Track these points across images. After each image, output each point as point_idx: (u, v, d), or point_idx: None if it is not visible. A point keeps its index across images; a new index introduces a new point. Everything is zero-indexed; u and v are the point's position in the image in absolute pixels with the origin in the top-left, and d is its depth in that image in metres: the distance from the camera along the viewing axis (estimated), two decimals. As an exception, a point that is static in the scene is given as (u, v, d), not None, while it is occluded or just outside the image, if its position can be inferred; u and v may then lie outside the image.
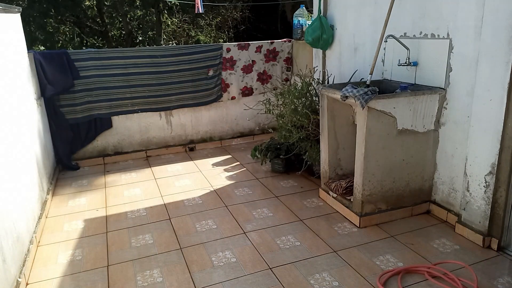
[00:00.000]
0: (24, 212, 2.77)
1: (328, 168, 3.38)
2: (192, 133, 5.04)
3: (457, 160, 2.86)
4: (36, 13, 10.82)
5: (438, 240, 2.77)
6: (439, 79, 2.89)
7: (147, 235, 2.99)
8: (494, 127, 2.48)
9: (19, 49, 3.53)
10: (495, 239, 2.62)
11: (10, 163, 2.64)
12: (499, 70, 2.39)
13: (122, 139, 4.70)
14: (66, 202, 3.63)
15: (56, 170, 4.25)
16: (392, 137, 2.86)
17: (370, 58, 3.51)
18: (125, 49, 5.41)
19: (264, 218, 3.19)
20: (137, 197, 3.69)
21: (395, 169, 2.95)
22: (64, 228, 3.16)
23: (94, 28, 13.14)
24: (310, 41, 4.13)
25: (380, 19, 3.25)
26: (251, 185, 3.88)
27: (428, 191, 3.13)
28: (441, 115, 2.93)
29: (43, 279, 2.52)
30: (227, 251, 2.74)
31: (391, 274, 2.41)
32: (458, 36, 2.70)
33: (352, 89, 2.80)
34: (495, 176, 2.53)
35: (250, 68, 5.08)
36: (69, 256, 2.75)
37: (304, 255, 2.67)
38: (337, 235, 2.90)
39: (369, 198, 2.94)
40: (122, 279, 2.49)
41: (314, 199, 3.50)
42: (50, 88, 4.09)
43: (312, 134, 3.70)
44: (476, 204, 2.68)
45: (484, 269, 2.44)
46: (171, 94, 4.73)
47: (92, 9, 12.77)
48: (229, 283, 2.40)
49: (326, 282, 2.38)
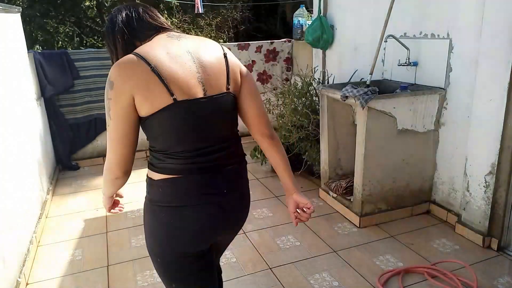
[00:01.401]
0: (24, 212, 2.77)
1: (328, 168, 3.38)
2: (192, 133, 5.04)
3: (457, 160, 2.86)
4: (36, 13, 10.82)
5: (438, 240, 2.77)
6: (439, 79, 2.89)
7: (147, 235, 2.99)
8: (494, 127, 2.47)
9: (19, 49, 3.53)
10: (495, 239, 2.62)
11: (10, 163, 2.63)
12: (499, 70, 2.39)
13: (122, 139, 4.69)
14: (66, 202, 3.63)
15: (56, 170, 4.25)
16: (392, 137, 2.86)
17: (370, 58, 3.50)
18: (125, 49, 5.38)
19: (264, 218, 3.19)
20: (137, 197, 3.68)
21: (395, 169, 2.95)
22: (64, 228, 3.15)
23: (94, 28, 13.14)
24: (310, 41, 4.13)
25: (380, 19, 3.25)
26: (251, 185, 3.84)
27: (428, 191, 3.13)
28: (441, 115, 2.93)
29: (43, 279, 2.52)
30: (227, 251, 2.74)
31: (391, 274, 2.40)
32: (458, 36, 2.70)
33: (352, 89, 2.80)
34: (495, 176, 2.53)
35: (250, 68, 5.08)
36: (69, 256, 2.75)
37: (304, 255, 2.66)
38: (337, 235, 2.90)
39: (369, 198, 2.94)
40: (122, 279, 2.49)
41: (314, 199, 3.50)
42: (50, 88, 4.08)
43: (312, 134, 3.70)
44: (476, 204, 2.68)
45: (484, 269, 2.44)
46: (171, 94, 4.72)
47: (92, 9, 12.77)
48: (229, 283, 2.40)
49: (326, 282, 2.38)
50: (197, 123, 1.22)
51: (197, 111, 1.21)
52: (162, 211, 1.28)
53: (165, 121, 1.19)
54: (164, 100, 1.15)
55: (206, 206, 1.27)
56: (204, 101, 1.21)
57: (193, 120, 1.21)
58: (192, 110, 1.20)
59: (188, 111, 1.19)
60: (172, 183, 1.25)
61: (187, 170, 1.24)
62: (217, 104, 1.25)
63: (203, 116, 1.22)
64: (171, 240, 1.28)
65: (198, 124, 1.22)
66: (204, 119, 1.23)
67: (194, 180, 1.25)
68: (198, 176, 1.25)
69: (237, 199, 1.38)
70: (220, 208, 1.29)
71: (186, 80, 1.18)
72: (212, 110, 1.24)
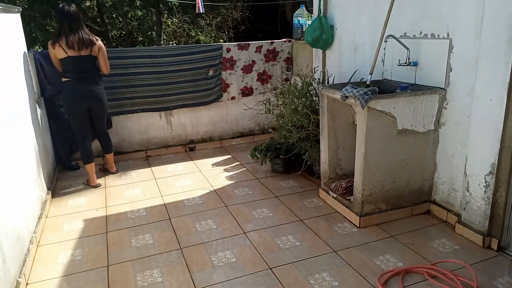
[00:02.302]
0: (24, 212, 2.77)
1: (328, 168, 3.38)
2: (192, 133, 5.04)
3: (457, 160, 2.86)
4: (36, 13, 10.81)
5: (438, 240, 2.77)
6: (439, 79, 2.89)
7: (147, 235, 2.99)
8: (494, 127, 2.47)
9: (19, 49, 3.53)
10: (495, 239, 2.62)
11: (10, 163, 2.64)
12: (499, 70, 2.39)
13: (122, 139, 4.70)
14: (66, 202, 3.63)
15: (56, 170, 4.25)
16: (392, 137, 2.87)
17: (370, 58, 3.51)
18: (125, 49, 5.41)
19: (264, 218, 3.19)
20: (137, 197, 3.69)
21: (395, 169, 2.95)
22: (64, 228, 3.16)
23: (94, 28, 13.13)
24: (310, 41, 4.13)
25: (380, 19, 3.25)
26: (251, 185, 3.88)
27: (428, 191, 3.13)
28: (441, 115, 2.93)
29: (43, 279, 2.52)
30: (227, 251, 2.74)
31: (391, 274, 2.40)
32: (458, 36, 2.70)
33: (352, 89, 2.80)
34: (495, 176, 2.53)
35: (250, 68, 5.08)
36: (69, 256, 2.75)
37: (304, 255, 2.67)
38: (337, 235, 2.90)
39: (369, 198, 2.94)
40: (122, 279, 2.49)
41: (314, 199, 3.50)
42: (50, 88, 4.08)
43: (312, 134, 3.70)
44: (476, 204, 2.68)
45: (484, 269, 2.44)
46: (171, 94, 4.73)
47: (92, 9, 12.77)
48: (229, 283, 2.40)
49: (326, 282, 2.38)
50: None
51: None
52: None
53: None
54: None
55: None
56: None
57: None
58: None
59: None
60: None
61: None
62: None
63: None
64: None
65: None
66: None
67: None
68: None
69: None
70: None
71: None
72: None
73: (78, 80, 3.68)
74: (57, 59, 3.65)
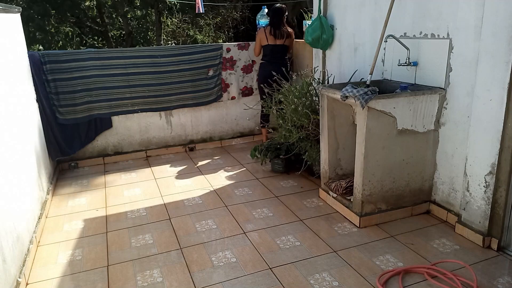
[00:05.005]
0: (24, 212, 2.77)
1: (328, 168, 3.38)
2: (192, 133, 5.04)
3: (457, 160, 2.86)
4: (36, 13, 10.81)
5: (438, 240, 2.78)
6: (439, 79, 2.89)
7: (147, 235, 2.99)
8: (494, 127, 2.48)
9: (19, 49, 3.53)
10: (495, 239, 2.63)
11: (10, 163, 2.64)
12: (499, 70, 2.39)
13: (122, 139, 4.70)
14: (66, 202, 3.63)
15: (56, 170, 4.25)
16: (392, 137, 2.87)
17: (370, 58, 3.51)
18: (125, 49, 5.41)
19: (264, 218, 3.19)
20: (137, 197, 3.69)
21: (395, 169, 2.95)
22: (64, 228, 3.16)
23: (94, 28, 13.14)
24: (310, 41, 4.13)
25: (380, 19, 3.25)
26: (251, 185, 3.88)
27: (428, 191, 3.13)
28: (441, 115, 2.93)
29: (43, 279, 2.52)
30: (227, 251, 2.74)
31: (391, 274, 2.41)
32: (458, 36, 2.70)
33: (352, 89, 2.79)
34: (495, 176, 2.53)
35: (250, 68, 5.08)
36: (69, 256, 2.75)
37: (304, 255, 2.67)
38: (337, 235, 2.90)
39: (369, 198, 2.94)
40: (122, 279, 2.49)
41: (314, 199, 3.50)
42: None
43: (312, 134, 3.70)
44: (476, 204, 2.68)
45: (484, 269, 2.44)
46: (171, 94, 4.73)
47: (92, 9, 12.77)
48: (229, 283, 2.40)
49: (326, 282, 2.38)
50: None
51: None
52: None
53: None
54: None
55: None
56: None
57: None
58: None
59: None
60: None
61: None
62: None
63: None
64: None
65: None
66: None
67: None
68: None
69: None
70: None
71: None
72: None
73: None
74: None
